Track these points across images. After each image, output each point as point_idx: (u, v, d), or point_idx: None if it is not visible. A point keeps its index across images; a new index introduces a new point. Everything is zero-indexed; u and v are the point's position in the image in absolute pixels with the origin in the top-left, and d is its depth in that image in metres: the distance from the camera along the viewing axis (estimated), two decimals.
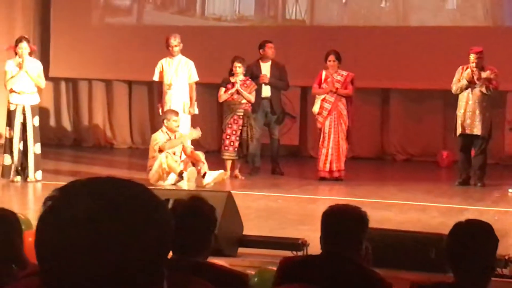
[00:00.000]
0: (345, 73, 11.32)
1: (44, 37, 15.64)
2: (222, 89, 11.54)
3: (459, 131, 10.91)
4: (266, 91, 11.82)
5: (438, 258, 5.95)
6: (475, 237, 3.33)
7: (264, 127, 12.00)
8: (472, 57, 10.80)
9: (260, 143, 11.71)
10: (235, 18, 14.69)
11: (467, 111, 10.82)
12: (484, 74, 10.76)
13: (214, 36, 14.40)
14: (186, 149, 10.79)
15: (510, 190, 10.42)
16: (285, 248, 6.55)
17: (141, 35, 14.80)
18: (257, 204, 9.51)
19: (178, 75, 11.33)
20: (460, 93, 10.91)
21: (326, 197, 10.05)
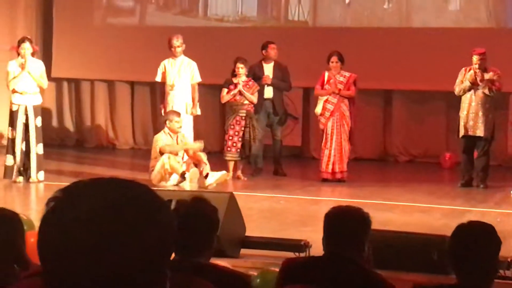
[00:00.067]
0: (347, 74, 11.31)
1: (47, 38, 15.64)
2: (225, 90, 11.54)
3: (461, 132, 10.90)
4: (268, 92, 11.82)
5: (440, 259, 5.92)
6: (478, 239, 3.32)
7: (267, 128, 11.99)
8: (475, 58, 10.79)
9: (262, 144, 11.70)
10: (237, 19, 14.69)
11: (470, 112, 10.81)
12: (487, 76, 10.75)
13: (217, 37, 14.39)
14: (189, 150, 10.79)
15: None
16: (288, 249, 6.54)
17: (144, 35, 14.79)
18: (259, 205, 9.50)
19: (181, 76, 11.33)
20: (463, 95, 10.90)
21: (329, 198, 10.04)
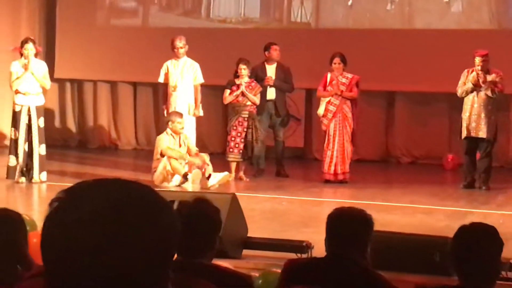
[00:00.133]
0: (350, 75, 11.31)
1: (50, 38, 15.65)
2: (227, 91, 11.55)
3: (464, 134, 10.90)
4: (271, 93, 11.81)
5: (442, 261, 5.93)
6: (480, 240, 3.33)
7: (269, 129, 11.99)
8: (478, 60, 10.78)
9: (264, 145, 11.70)
10: (240, 20, 14.69)
11: (472, 114, 10.80)
12: (490, 77, 10.74)
13: (220, 38, 14.39)
14: (191, 150, 10.79)
15: None
16: (290, 250, 6.55)
17: (147, 36, 14.80)
18: (261, 206, 9.50)
19: (184, 77, 11.32)
20: (466, 96, 10.90)
21: (331, 200, 10.03)
